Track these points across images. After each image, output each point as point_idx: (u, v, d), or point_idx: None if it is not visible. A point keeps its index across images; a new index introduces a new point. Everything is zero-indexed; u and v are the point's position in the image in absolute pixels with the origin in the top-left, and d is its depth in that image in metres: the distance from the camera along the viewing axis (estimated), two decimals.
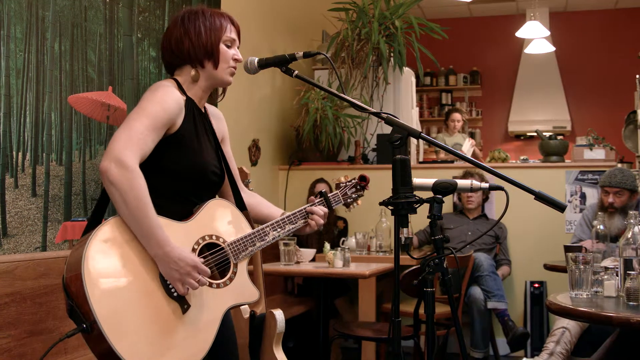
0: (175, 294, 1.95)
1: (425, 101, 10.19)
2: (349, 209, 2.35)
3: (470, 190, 1.97)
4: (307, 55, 2.17)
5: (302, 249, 4.19)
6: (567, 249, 4.14)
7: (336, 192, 2.35)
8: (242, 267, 2.13)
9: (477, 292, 4.76)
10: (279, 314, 3.00)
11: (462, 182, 2.00)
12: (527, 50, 8.53)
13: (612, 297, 2.55)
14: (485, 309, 4.75)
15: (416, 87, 6.33)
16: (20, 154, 2.90)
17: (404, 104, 5.92)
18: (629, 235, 2.55)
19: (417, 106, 6.49)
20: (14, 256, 2.80)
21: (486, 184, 1.99)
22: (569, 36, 9.45)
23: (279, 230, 2.19)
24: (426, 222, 5.52)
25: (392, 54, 5.67)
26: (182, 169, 2.08)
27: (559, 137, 5.76)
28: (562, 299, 2.54)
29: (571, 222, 5.29)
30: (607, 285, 2.56)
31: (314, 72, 6.26)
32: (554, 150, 5.51)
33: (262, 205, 2.39)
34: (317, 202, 2.28)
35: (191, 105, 2.13)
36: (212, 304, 2.04)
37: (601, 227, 3.99)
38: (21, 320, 2.74)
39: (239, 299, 2.11)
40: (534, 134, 9.64)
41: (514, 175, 1.94)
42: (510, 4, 9.57)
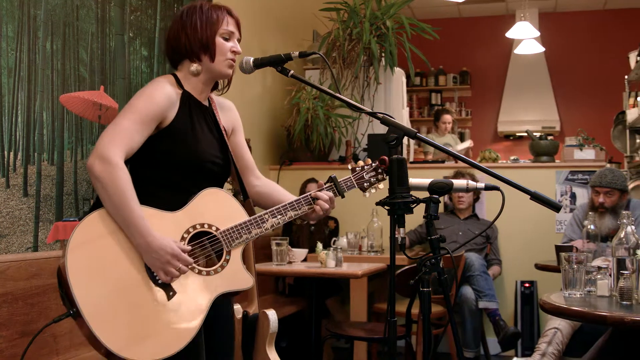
0: (160, 281, 2.00)
1: (415, 101, 10.20)
2: (366, 194, 2.25)
3: (466, 190, 1.98)
4: (302, 55, 2.17)
5: (294, 249, 4.19)
6: (558, 249, 4.16)
7: (349, 177, 2.25)
8: (236, 255, 2.12)
9: (468, 291, 4.77)
10: (272, 314, 2.99)
11: (458, 182, 2.00)
12: (517, 50, 8.55)
13: (605, 297, 2.56)
14: (476, 309, 4.76)
15: (406, 87, 6.34)
16: (12, 154, 2.88)
17: (394, 104, 5.93)
18: (622, 235, 2.56)
19: (407, 106, 6.49)
20: (6, 256, 2.79)
21: (482, 184, 1.99)
22: (558, 37, 9.49)
23: (279, 217, 2.16)
24: (416, 222, 5.54)
25: (383, 54, 5.68)
26: (177, 161, 2.11)
27: (549, 138, 5.78)
28: (556, 298, 2.55)
29: (561, 222, 5.31)
30: (600, 284, 2.57)
31: (305, 72, 6.26)
32: (544, 150, 5.53)
33: (275, 193, 2.37)
34: (325, 187, 2.23)
35: (187, 98, 2.16)
36: (199, 291, 2.04)
37: (592, 227, 4.01)
38: (13, 321, 2.73)
39: (230, 286, 2.10)
40: (523, 134, 9.69)
41: (504, 175, 1.93)
42: (499, 5, 9.60)
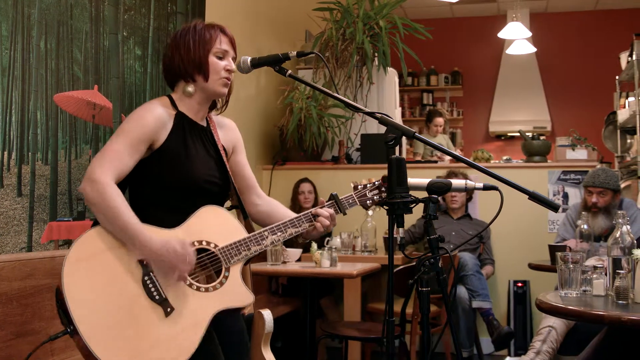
0: (157, 298, 1.98)
1: (406, 101, 10.22)
2: (369, 211, 2.31)
3: (464, 190, 1.98)
4: (300, 54, 2.17)
5: (288, 249, 4.18)
6: (552, 249, 4.17)
7: (350, 195, 2.28)
8: (235, 272, 2.11)
9: (462, 291, 4.78)
10: (267, 314, 2.99)
11: (456, 182, 2.00)
12: (509, 51, 8.58)
13: (601, 296, 2.57)
14: (470, 308, 4.77)
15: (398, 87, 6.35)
16: (5, 153, 2.86)
17: (387, 104, 5.94)
18: (617, 234, 2.57)
19: (399, 106, 6.50)
20: (0, 257, 2.76)
21: (480, 184, 1.99)
22: (549, 37, 9.53)
23: (279, 234, 2.16)
24: (409, 222, 5.53)
25: (376, 54, 5.68)
26: (171, 181, 2.11)
27: (542, 138, 5.80)
28: (552, 298, 2.56)
29: (554, 222, 5.33)
30: (596, 284, 2.58)
31: (297, 72, 6.24)
32: (536, 150, 5.55)
33: (276, 212, 2.37)
34: (326, 205, 2.25)
35: (182, 119, 2.16)
36: (197, 308, 2.03)
37: (585, 226, 4.03)
38: (7, 321, 2.70)
39: (230, 303, 2.09)
40: (514, 134, 9.73)
41: (501, 174, 1.93)
42: (491, 5, 9.63)
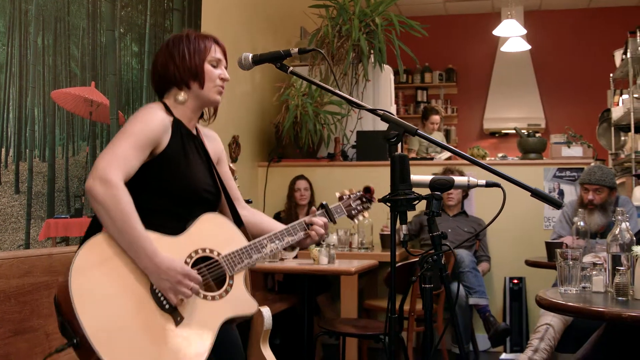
0: (167, 307, 1.96)
1: (400, 98, 10.22)
2: (354, 221, 2.37)
3: (467, 187, 1.98)
4: (302, 51, 2.17)
5: None
6: (548, 246, 4.18)
7: (338, 204, 2.35)
8: (239, 280, 2.12)
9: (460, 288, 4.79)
10: (266, 311, 2.99)
11: (459, 178, 2.01)
12: (503, 48, 8.60)
13: (600, 293, 2.58)
14: (466, 305, 4.78)
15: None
16: (3, 150, 2.84)
17: (383, 101, 5.94)
18: (617, 231, 2.58)
19: (394, 103, 6.51)
20: None
21: (483, 181, 2.00)
22: (544, 35, 9.55)
23: (277, 242, 2.18)
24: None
25: (372, 51, 5.68)
26: (171, 188, 2.10)
27: (537, 135, 5.82)
28: (552, 294, 2.56)
29: (549, 219, 5.34)
30: (595, 280, 2.59)
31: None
32: (532, 147, 5.56)
33: (264, 222, 2.39)
34: (317, 214, 2.28)
35: (178, 126, 2.15)
36: (206, 316, 2.02)
37: (581, 223, 4.04)
38: (5, 319, 2.69)
39: (236, 311, 2.09)
40: (508, 132, 9.75)
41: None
42: (485, 3, 9.64)
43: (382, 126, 5.89)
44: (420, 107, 9.54)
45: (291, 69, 2.17)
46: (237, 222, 2.27)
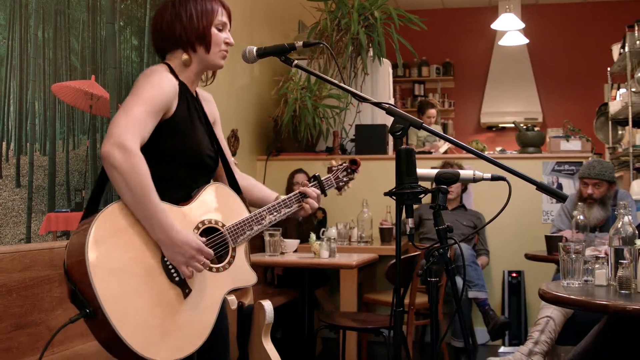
0: (177, 279, 1.96)
1: (398, 92, 10.21)
2: (341, 193, 2.40)
3: (473, 180, 1.98)
4: (307, 44, 2.16)
5: (285, 240, 4.18)
6: (548, 239, 4.19)
7: (329, 176, 2.38)
8: (240, 251, 2.14)
9: (457, 282, 4.79)
10: (267, 305, 2.98)
11: (465, 172, 2.00)
12: (501, 42, 8.59)
13: (603, 286, 2.58)
14: (465, 299, 4.79)
15: None
16: (4, 144, 2.83)
17: (381, 95, 5.94)
18: (619, 225, 2.58)
19: (392, 97, 6.51)
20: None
21: (488, 175, 1.99)
22: (541, 29, 9.54)
23: (275, 214, 2.21)
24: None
25: (370, 45, 5.67)
26: (178, 154, 2.09)
27: (536, 129, 5.82)
28: (554, 287, 2.57)
29: (548, 213, 5.35)
30: (598, 274, 2.59)
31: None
32: (531, 141, 5.57)
33: (256, 188, 2.41)
34: (310, 186, 2.31)
35: (184, 89, 2.13)
36: (212, 288, 2.04)
37: (581, 217, 4.04)
38: (7, 313, 2.68)
39: (237, 283, 2.12)
40: (505, 125, 9.76)
41: (491, 166, 1.92)
42: None
43: (380, 120, 5.92)
44: (417, 100, 9.54)
45: (295, 62, 2.16)
46: (235, 187, 2.27)
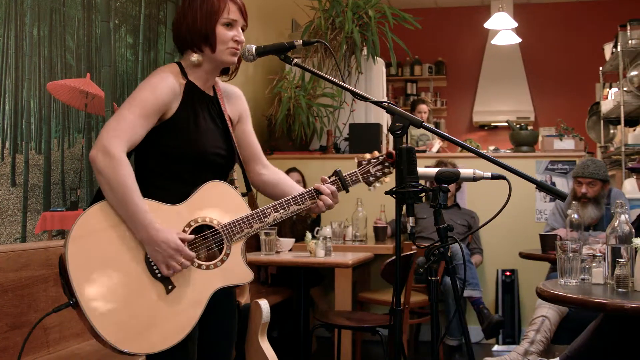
0: (159, 275, 1.99)
1: (390, 91, 10.22)
2: (371, 188, 2.18)
3: (473, 179, 1.98)
4: (306, 43, 2.15)
5: (281, 239, 4.17)
6: (542, 238, 4.20)
7: (354, 171, 2.19)
8: (237, 249, 2.10)
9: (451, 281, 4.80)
10: (264, 304, 2.97)
11: (465, 171, 2.00)
12: (494, 41, 8.61)
13: (600, 284, 2.59)
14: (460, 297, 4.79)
15: None
16: None
17: (375, 94, 5.94)
18: (616, 223, 2.59)
19: (385, 96, 6.51)
20: None
21: (488, 174, 2.00)
22: (533, 28, 9.56)
23: (282, 211, 2.12)
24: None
25: (364, 44, 5.67)
26: (179, 153, 2.09)
27: (529, 128, 5.84)
28: (551, 286, 2.58)
29: (541, 212, 5.37)
30: (595, 272, 2.60)
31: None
32: (524, 140, 5.58)
33: (281, 183, 2.32)
34: (329, 182, 2.17)
35: (191, 89, 2.13)
36: (199, 285, 2.04)
37: (575, 216, 4.06)
38: (2, 313, 2.67)
39: (230, 281, 2.09)
40: (497, 124, 9.79)
41: (486, 165, 1.92)
42: None
43: (374, 119, 5.92)
44: (409, 99, 9.55)
45: (295, 61, 2.15)
46: (247, 187, 2.26)
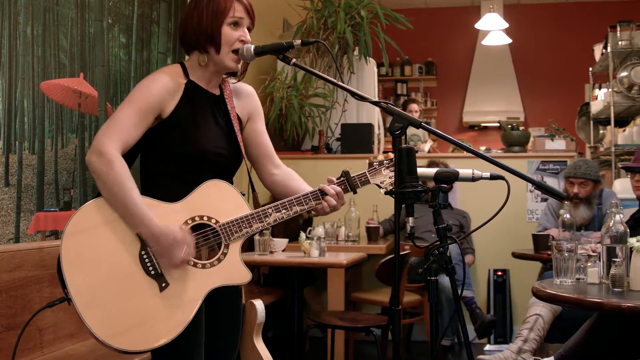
0: (152, 272, 1.99)
1: (380, 91, 10.23)
2: (382, 190, 2.12)
3: (472, 179, 1.98)
4: (305, 43, 2.15)
5: (274, 239, 4.17)
6: (535, 238, 4.22)
7: (363, 172, 2.16)
8: (235, 248, 2.07)
9: (445, 280, 4.81)
10: (259, 304, 2.98)
11: (464, 171, 2.01)
12: (484, 42, 8.63)
13: (595, 284, 2.61)
14: (453, 297, 4.80)
15: None
16: None
17: (367, 94, 5.85)
18: (610, 223, 2.61)
19: (376, 96, 6.51)
20: None
21: (487, 174, 2.00)
22: (523, 29, 9.59)
23: (284, 211, 2.08)
24: (390, 212, 5.52)
25: (357, 44, 5.67)
26: (178, 152, 2.08)
27: (521, 128, 5.86)
28: (547, 285, 2.59)
29: (533, 212, 5.39)
30: (590, 272, 2.62)
31: (277, 61, 6.21)
32: (516, 140, 5.60)
33: (292, 183, 2.29)
34: (336, 183, 2.14)
35: (192, 88, 2.12)
36: (194, 284, 2.02)
37: (568, 215, 4.08)
38: None
39: (227, 280, 2.06)
40: (487, 125, 9.83)
41: (477, 165, 1.93)
42: None
43: (366, 119, 5.92)
44: (400, 99, 9.57)
45: (293, 60, 2.14)
46: (252, 186, 2.25)
